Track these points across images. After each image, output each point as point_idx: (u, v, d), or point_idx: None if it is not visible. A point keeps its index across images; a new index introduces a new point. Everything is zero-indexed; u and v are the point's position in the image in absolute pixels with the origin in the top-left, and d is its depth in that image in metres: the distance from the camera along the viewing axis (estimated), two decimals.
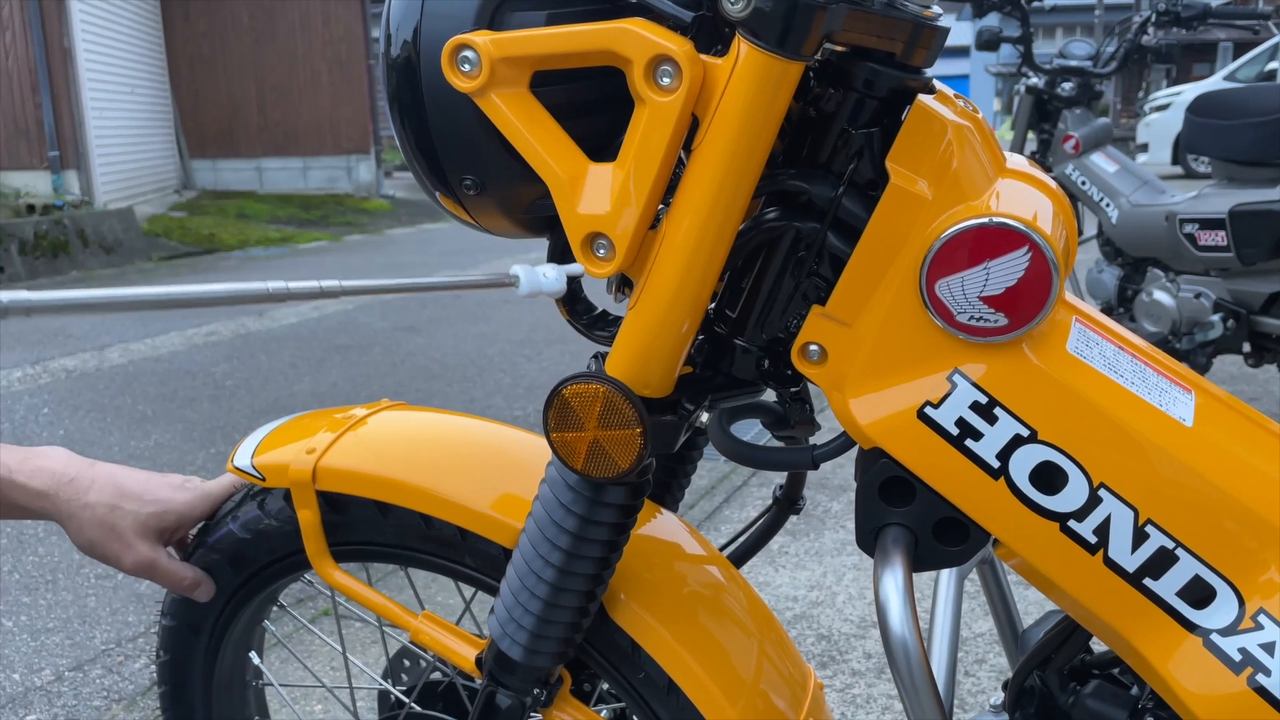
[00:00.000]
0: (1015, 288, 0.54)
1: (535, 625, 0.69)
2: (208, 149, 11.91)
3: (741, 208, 0.56)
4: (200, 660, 0.93)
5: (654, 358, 0.60)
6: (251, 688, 1.00)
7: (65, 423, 3.37)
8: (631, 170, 0.55)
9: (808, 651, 1.82)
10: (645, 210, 0.56)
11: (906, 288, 0.57)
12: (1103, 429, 0.56)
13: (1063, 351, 0.58)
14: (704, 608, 0.77)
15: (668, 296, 0.58)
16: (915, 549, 0.61)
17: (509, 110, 0.56)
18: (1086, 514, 0.56)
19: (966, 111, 0.59)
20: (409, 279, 0.65)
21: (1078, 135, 3.17)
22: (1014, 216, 0.54)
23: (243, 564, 0.86)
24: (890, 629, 0.58)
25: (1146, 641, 0.57)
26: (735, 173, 0.54)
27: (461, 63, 0.55)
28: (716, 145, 0.54)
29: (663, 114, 0.53)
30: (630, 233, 0.56)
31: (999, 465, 0.57)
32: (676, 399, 0.63)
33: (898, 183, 0.56)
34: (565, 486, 0.66)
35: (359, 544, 0.82)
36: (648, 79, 0.53)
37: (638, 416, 0.60)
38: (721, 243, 0.57)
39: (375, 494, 0.78)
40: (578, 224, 0.57)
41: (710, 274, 0.58)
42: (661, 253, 0.57)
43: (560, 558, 0.67)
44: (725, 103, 0.53)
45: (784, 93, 0.53)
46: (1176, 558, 0.55)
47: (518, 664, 0.71)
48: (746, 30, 0.51)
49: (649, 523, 0.80)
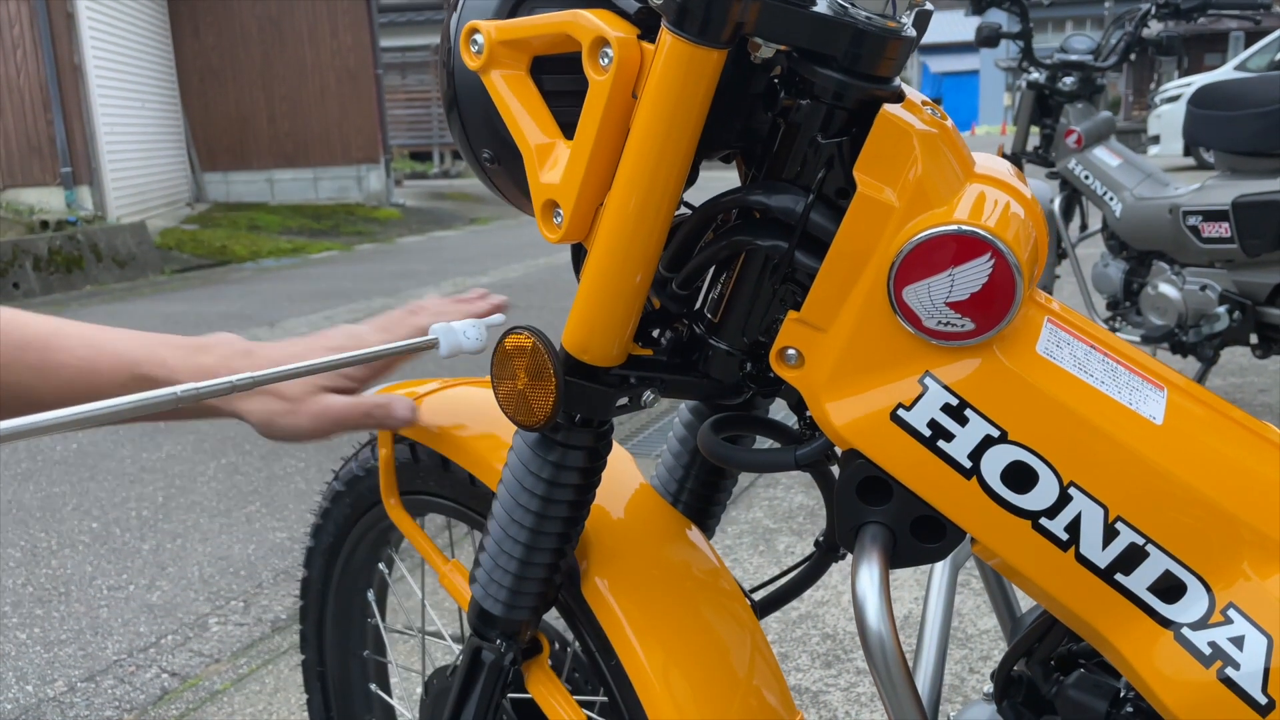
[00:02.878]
0: (980, 293, 0.55)
1: (512, 582, 0.75)
2: (219, 161, 11.99)
3: (669, 189, 0.60)
4: (320, 581, 1.09)
5: (593, 326, 0.64)
6: (368, 624, 1.13)
7: (79, 436, 3.41)
8: (577, 145, 0.60)
9: (813, 650, 1.83)
10: (587, 182, 0.60)
11: (876, 294, 0.58)
12: (1072, 429, 0.57)
13: (1032, 353, 0.59)
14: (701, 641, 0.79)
15: (600, 267, 0.62)
16: (893, 547, 0.63)
17: (504, 87, 0.64)
18: (1057, 512, 0.57)
19: (934, 119, 0.60)
20: (322, 359, 0.67)
21: (1080, 130, 3.17)
22: (977, 223, 0.55)
23: (355, 496, 1.01)
24: (867, 626, 0.59)
25: (1119, 635, 0.57)
26: (654, 152, 0.58)
27: (472, 44, 0.64)
28: (638, 126, 0.58)
29: (597, 92, 0.58)
30: (573, 202, 0.61)
31: (971, 465, 0.58)
32: (625, 374, 0.67)
33: (865, 192, 0.57)
34: (528, 449, 0.72)
35: (424, 492, 0.94)
36: (591, 60, 0.59)
37: (553, 371, 0.65)
38: (647, 220, 0.60)
39: (439, 447, 0.89)
40: (538, 191, 0.63)
41: (639, 249, 0.61)
42: (598, 226, 0.62)
43: (530, 517, 0.72)
44: (647, 86, 0.57)
45: (703, 79, 0.56)
46: (1147, 553, 0.56)
47: (498, 619, 0.77)
48: (665, 17, 0.56)
49: (679, 542, 0.83)
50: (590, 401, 0.68)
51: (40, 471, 3.06)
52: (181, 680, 1.87)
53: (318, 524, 1.05)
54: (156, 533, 2.57)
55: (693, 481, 0.86)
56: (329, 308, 5.86)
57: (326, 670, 1.12)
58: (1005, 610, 0.86)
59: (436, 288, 6.43)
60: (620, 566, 0.79)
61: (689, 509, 0.87)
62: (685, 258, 0.67)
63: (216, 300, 6.45)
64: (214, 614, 2.13)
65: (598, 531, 0.80)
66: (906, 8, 0.59)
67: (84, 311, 6.19)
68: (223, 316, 5.62)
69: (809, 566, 0.87)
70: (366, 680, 1.13)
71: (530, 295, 5.95)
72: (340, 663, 1.12)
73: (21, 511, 2.73)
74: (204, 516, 2.67)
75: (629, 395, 0.69)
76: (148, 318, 5.77)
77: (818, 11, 0.56)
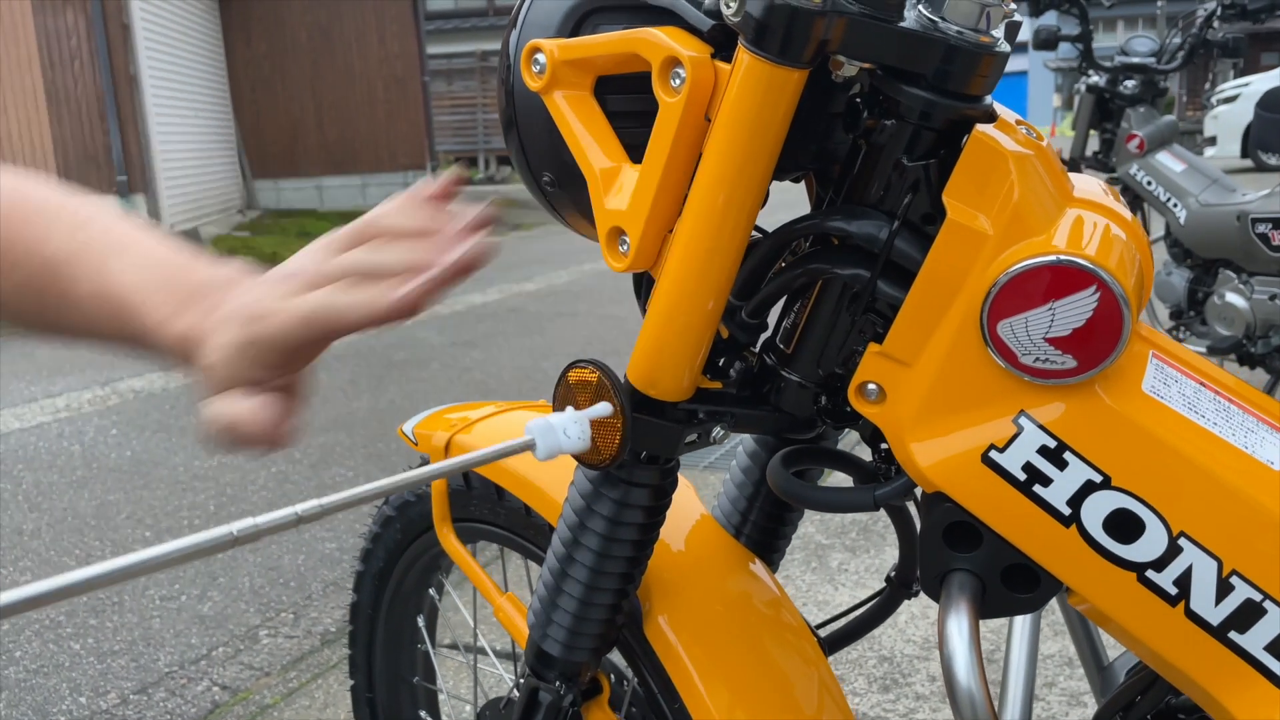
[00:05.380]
0: (1083, 329, 0.51)
1: (571, 622, 0.71)
2: (270, 169, 12.15)
3: (743, 216, 0.56)
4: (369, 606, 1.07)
5: (661, 358, 0.61)
6: (418, 650, 1.11)
7: (133, 443, 3.45)
8: (645, 169, 0.57)
9: (869, 674, 1.78)
10: (656, 208, 0.57)
11: (968, 327, 0.54)
12: (1182, 474, 0.52)
13: (1138, 391, 0.54)
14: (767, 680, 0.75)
15: (670, 298, 0.59)
16: (983, 596, 0.59)
17: (567, 108, 0.61)
18: (1166, 564, 0.53)
19: (1029, 140, 0.56)
20: (400, 476, 0.53)
21: (1142, 134, 3.09)
22: (1080, 253, 0.51)
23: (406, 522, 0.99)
24: (956, 680, 0.55)
25: (1232, 698, 0.53)
26: (729, 177, 0.54)
27: (533, 64, 0.61)
28: (711, 150, 0.55)
29: (669, 114, 0.55)
30: (641, 229, 0.57)
31: (1070, 512, 0.54)
32: (694, 409, 0.64)
33: (955, 218, 0.54)
34: (590, 485, 0.68)
35: (477, 520, 0.91)
36: (662, 81, 0.55)
37: (621, 407, 0.61)
38: (720, 248, 0.57)
39: (493, 476, 0.86)
40: (603, 218, 0.60)
41: (712, 279, 0.58)
42: (668, 254, 0.58)
43: (590, 556, 0.69)
44: (723, 107, 0.54)
45: (782, 101, 0.53)
46: (1264, 610, 0.52)
47: (556, 659, 0.73)
48: (743, 35, 0.52)
49: (742, 577, 0.80)
50: (657, 438, 0.64)
51: (95, 479, 3.09)
52: (232, 694, 1.87)
53: (367, 549, 1.03)
54: None
55: (757, 514, 0.83)
56: None
57: (376, 696, 1.10)
58: (1091, 657, 0.81)
59: (482, 293, 6.45)
60: (683, 604, 0.76)
61: (752, 542, 0.83)
62: (756, 285, 0.63)
63: None
64: (264, 625, 2.13)
65: (659, 567, 0.77)
66: (1000, 19, 0.56)
67: None
68: None
69: (880, 603, 0.83)
70: (416, 707, 1.11)
71: (576, 302, 5.94)
72: (390, 689, 1.10)
73: (76, 519, 2.76)
74: None
75: (698, 431, 0.66)
76: None
77: (906, 27, 0.53)
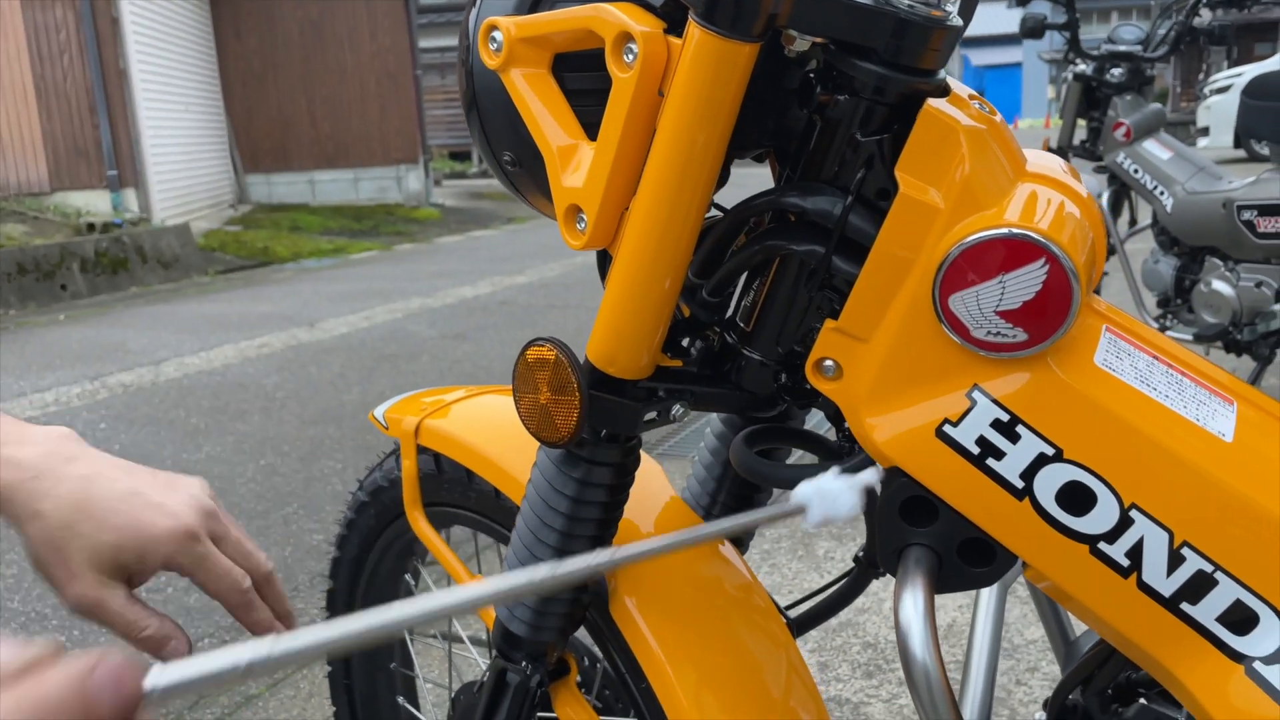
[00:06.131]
0: (1033, 302, 0.52)
1: (537, 602, 0.72)
2: (261, 163, 12.13)
3: (698, 191, 0.56)
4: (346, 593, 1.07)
5: (620, 336, 0.61)
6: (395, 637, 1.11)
7: (121, 437, 3.44)
8: (600, 146, 0.57)
9: (853, 660, 1.79)
10: (612, 185, 0.57)
11: (921, 302, 0.54)
12: (1133, 446, 0.53)
13: (1090, 364, 0.55)
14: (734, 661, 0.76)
15: (627, 275, 0.59)
16: (939, 570, 0.59)
17: (525, 86, 0.61)
18: (1118, 536, 0.53)
19: (982, 114, 0.56)
20: (703, 528, 0.59)
21: (1129, 122, 3.09)
22: (1030, 226, 0.51)
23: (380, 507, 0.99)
24: (911, 654, 0.56)
25: (1184, 668, 0.53)
26: (683, 152, 0.54)
27: (490, 42, 0.61)
28: (665, 125, 0.55)
29: (623, 90, 0.55)
30: (597, 206, 0.57)
31: (1023, 485, 0.54)
32: (653, 387, 0.64)
33: (908, 192, 0.54)
34: (552, 465, 0.68)
35: (448, 504, 0.91)
36: (615, 57, 0.55)
37: (577, 385, 0.61)
38: (676, 224, 0.57)
39: (463, 459, 0.87)
40: (561, 196, 0.60)
41: (668, 255, 0.58)
42: (624, 231, 0.58)
43: (555, 536, 0.69)
44: (675, 82, 0.54)
45: (734, 75, 0.53)
46: (1216, 581, 0.52)
47: (523, 640, 0.74)
48: (693, 10, 0.52)
49: (711, 559, 0.80)
50: (616, 416, 0.64)
51: None
52: None
53: (342, 534, 1.03)
54: None
55: (725, 495, 0.83)
56: (368, 308, 5.89)
57: (354, 683, 1.10)
58: (1058, 633, 0.81)
59: (473, 286, 6.45)
60: (650, 585, 0.76)
61: None
62: (716, 263, 0.63)
63: (259, 301, 6.51)
64: None
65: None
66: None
67: (129, 313, 6.27)
68: (264, 317, 5.66)
69: (848, 583, 0.84)
70: (394, 693, 1.11)
71: (568, 294, 5.94)
72: (367, 676, 1.10)
73: None
74: (242, 518, 2.67)
75: (657, 409, 0.66)
76: (191, 319, 5.83)
77: (856, 1, 0.53)
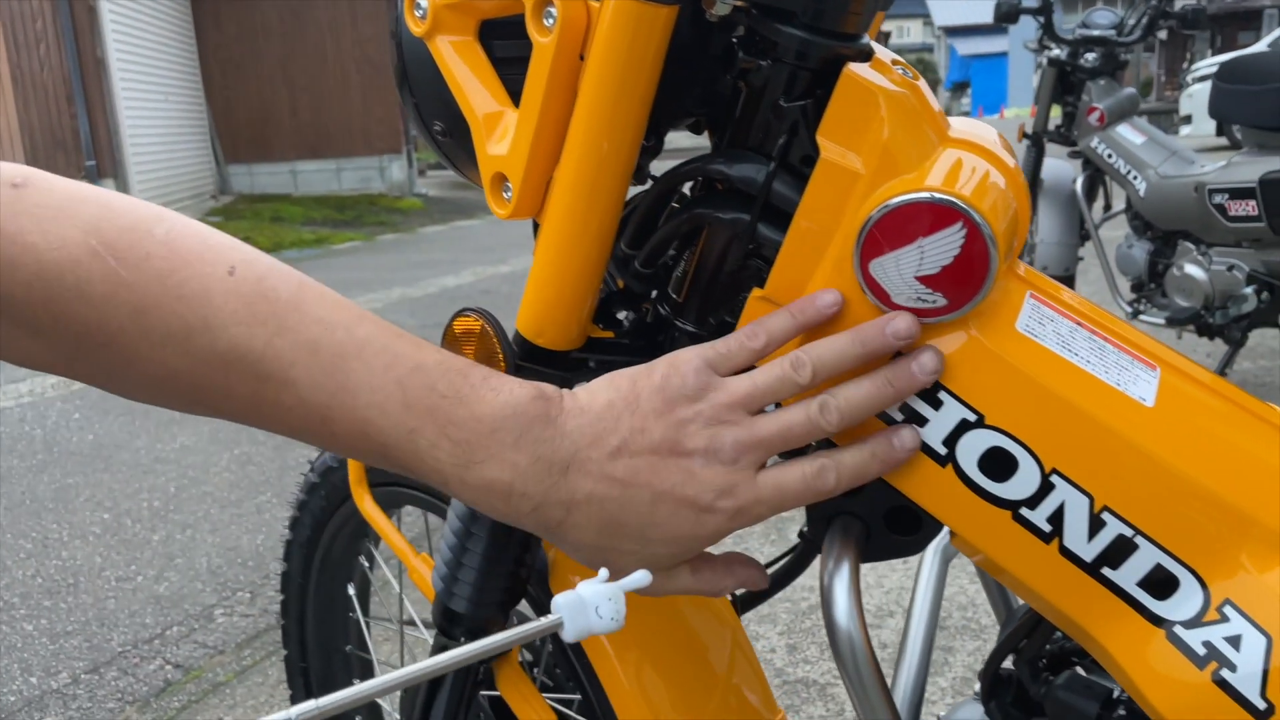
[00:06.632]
0: (952, 266, 0.51)
1: (475, 578, 0.71)
2: (242, 153, 12.04)
3: (621, 157, 0.56)
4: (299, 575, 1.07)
5: (547, 306, 0.60)
6: (350, 620, 1.11)
7: (95, 427, 3.42)
8: (523, 113, 0.56)
9: (821, 642, 1.79)
10: (536, 152, 0.56)
11: (843, 268, 0.54)
12: (1053, 412, 0.53)
13: (1012, 330, 0.54)
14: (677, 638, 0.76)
15: (553, 244, 0.58)
16: (866, 539, 0.59)
17: (451, 54, 0.60)
18: (1039, 501, 0.53)
19: (905, 79, 0.56)
20: (398, 674, 0.45)
21: (1102, 107, 3.09)
22: (946, 190, 0.51)
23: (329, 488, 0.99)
24: (836, 623, 0.56)
25: (1106, 633, 0.53)
26: (603, 118, 0.54)
27: (416, 9, 0.60)
28: (585, 90, 0.54)
29: (543, 54, 0.54)
30: (521, 174, 0.57)
31: (946, 452, 0.54)
32: (584, 358, 0.63)
33: (828, 157, 0.53)
34: None
35: (396, 484, 0.91)
36: (535, 21, 0.55)
37: (503, 356, 0.61)
38: (600, 191, 0.56)
39: None
40: (486, 164, 0.59)
41: (594, 223, 0.57)
42: (549, 200, 0.58)
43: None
44: (593, 47, 0.53)
45: (653, 38, 0.52)
46: (1136, 546, 0.52)
47: (463, 616, 0.73)
48: None
49: None
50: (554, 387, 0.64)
51: (55, 463, 3.07)
52: (185, 672, 1.86)
53: (295, 516, 1.03)
54: (167, 523, 2.57)
55: None
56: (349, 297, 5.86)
57: (309, 666, 1.10)
58: (1000, 602, 0.81)
59: (455, 275, 6.42)
60: None
61: None
62: (648, 234, 0.63)
63: None
64: (220, 605, 2.12)
65: None
66: None
67: None
68: None
69: (792, 560, 0.83)
70: (350, 676, 1.11)
71: None
72: (323, 658, 1.10)
73: (35, 503, 2.74)
74: (215, 507, 2.66)
75: (589, 380, 0.65)
76: None
77: None
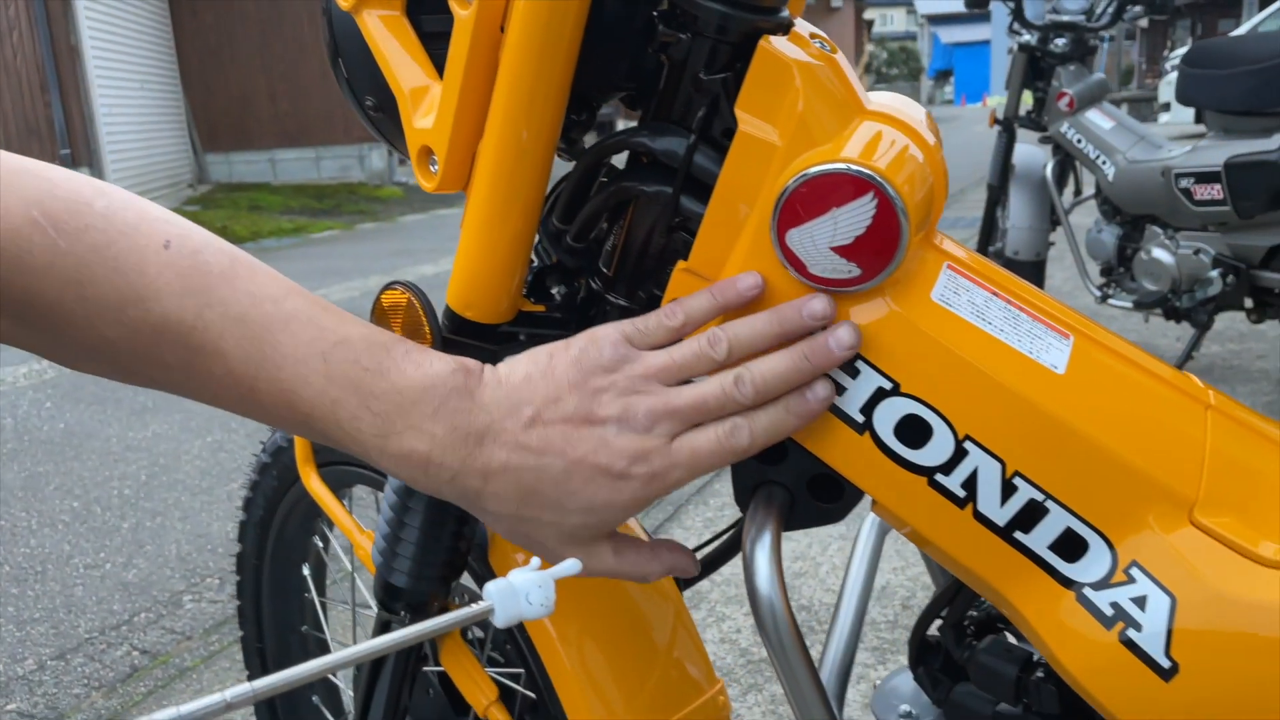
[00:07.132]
0: (864, 236, 0.52)
1: (414, 552, 0.72)
2: (220, 142, 11.95)
3: (544, 128, 0.56)
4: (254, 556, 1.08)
5: (475, 279, 0.61)
6: (305, 600, 1.11)
7: (66, 416, 3.40)
8: (446, 86, 0.57)
9: None
10: (459, 125, 0.57)
11: (762, 240, 0.55)
12: (966, 379, 0.53)
13: (926, 300, 0.55)
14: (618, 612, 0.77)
15: (479, 217, 0.58)
16: (790, 508, 0.60)
17: (379, 28, 0.61)
18: (953, 467, 0.54)
19: (821, 52, 0.56)
20: (338, 655, 0.46)
21: (1072, 92, 3.11)
22: (856, 161, 0.52)
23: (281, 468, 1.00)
24: (758, 592, 0.56)
25: (1020, 596, 0.54)
26: (524, 90, 0.54)
27: None
28: (505, 62, 0.54)
29: (463, 27, 0.55)
30: (446, 147, 0.57)
31: (864, 420, 0.55)
32: (514, 331, 0.64)
33: (746, 130, 0.54)
34: None
35: (345, 463, 0.92)
36: None
37: (429, 329, 0.61)
38: (524, 163, 0.57)
39: None
40: (413, 137, 0.59)
41: (520, 196, 0.58)
42: (475, 172, 0.58)
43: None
44: (512, 18, 0.54)
45: (570, 9, 0.53)
46: (1047, 510, 0.53)
47: (403, 591, 0.73)
48: None
49: None
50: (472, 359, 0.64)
51: (25, 451, 3.05)
52: (152, 657, 1.86)
53: (248, 497, 1.03)
54: (137, 511, 2.56)
55: None
56: (324, 286, 5.84)
57: (265, 647, 1.10)
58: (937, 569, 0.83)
59: (434, 264, 6.41)
60: None
61: None
62: (579, 208, 0.63)
63: None
64: (189, 591, 2.12)
65: None
66: None
67: None
68: None
69: (733, 535, 0.84)
70: (306, 656, 1.11)
71: None
72: (279, 639, 1.10)
73: (3, 491, 2.72)
74: (186, 494, 2.66)
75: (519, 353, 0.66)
76: None
77: None
